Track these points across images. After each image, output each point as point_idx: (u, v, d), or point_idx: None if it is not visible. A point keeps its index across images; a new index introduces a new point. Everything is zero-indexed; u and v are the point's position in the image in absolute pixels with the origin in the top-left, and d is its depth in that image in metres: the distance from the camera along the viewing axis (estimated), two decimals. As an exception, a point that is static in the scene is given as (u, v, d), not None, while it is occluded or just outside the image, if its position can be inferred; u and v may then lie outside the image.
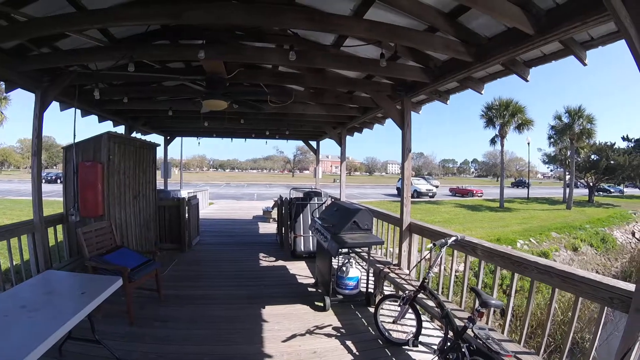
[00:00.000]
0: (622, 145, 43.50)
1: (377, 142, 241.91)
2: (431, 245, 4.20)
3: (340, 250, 5.15)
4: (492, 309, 3.69)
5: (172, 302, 5.34)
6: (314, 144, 14.35)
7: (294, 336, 4.41)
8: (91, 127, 6.37)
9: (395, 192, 41.39)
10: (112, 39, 4.81)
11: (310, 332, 4.56)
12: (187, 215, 8.77)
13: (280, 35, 5.05)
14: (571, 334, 3.29)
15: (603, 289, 2.82)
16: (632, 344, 2.13)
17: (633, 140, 49.16)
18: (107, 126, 8.57)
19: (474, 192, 44.61)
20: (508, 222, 21.43)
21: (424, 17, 3.84)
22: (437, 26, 3.91)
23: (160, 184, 10.04)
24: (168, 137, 13.18)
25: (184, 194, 10.60)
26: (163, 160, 13.47)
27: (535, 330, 9.06)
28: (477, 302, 3.09)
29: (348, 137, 11.09)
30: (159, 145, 8.25)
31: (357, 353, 4.11)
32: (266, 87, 6.08)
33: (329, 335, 4.49)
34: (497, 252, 4.00)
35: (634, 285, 2.57)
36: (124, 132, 9.08)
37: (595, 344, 3.00)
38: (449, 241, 3.99)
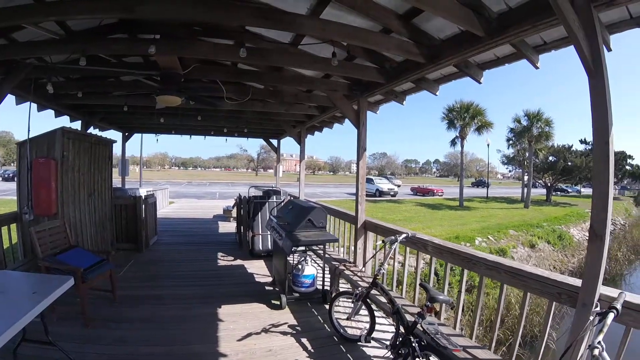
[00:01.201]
0: (580, 147, 45.54)
1: (341, 141, 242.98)
2: (380, 242, 4.26)
3: (295, 248, 5.17)
4: (442, 304, 3.79)
5: (127, 303, 5.22)
6: (274, 142, 14.37)
7: (249, 335, 4.40)
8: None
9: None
10: (70, 32, 4.65)
11: (266, 330, 4.55)
12: (144, 214, 8.55)
13: (239, 32, 5.00)
14: (521, 329, 3.39)
15: (550, 284, 2.93)
16: (578, 337, 2.20)
17: (591, 143, 51.86)
18: (64, 121, 8.32)
19: (435, 191, 45.52)
20: (467, 220, 21.90)
21: (379, 18, 3.85)
22: (392, 27, 3.95)
23: (118, 181, 9.82)
24: (126, 134, 12.84)
25: (143, 192, 10.37)
26: (120, 157, 13.18)
27: (495, 325, 9.29)
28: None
29: (313, 137, 11.17)
30: (115, 141, 8.04)
31: (312, 350, 4.13)
32: (223, 84, 5.99)
33: (284, 333, 4.50)
34: (447, 249, 4.11)
35: (581, 280, 2.67)
36: (80, 128, 8.80)
37: (545, 338, 3.11)
38: (399, 238, 4.07)
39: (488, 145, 38.88)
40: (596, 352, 1.72)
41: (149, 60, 5.57)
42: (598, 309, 2.11)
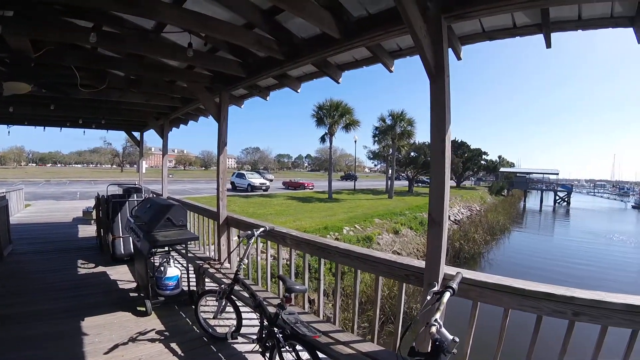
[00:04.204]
0: None
1: (214, 135, 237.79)
2: (236, 237, 4.29)
3: (154, 249, 5.05)
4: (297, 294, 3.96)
5: (-16, 325, 4.62)
6: (137, 135, 13.42)
7: (116, 346, 4.17)
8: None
9: (230, 186, 41.24)
10: None
11: (133, 339, 4.35)
12: (-7, 220, 7.49)
13: (99, 14, 4.62)
14: (377, 309, 3.65)
15: (398, 267, 3.20)
16: (417, 316, 2.37)
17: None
18: None
19: (306, 185, 46.80)
20: (336, 212, 22.78)
21: (242, 12, 3.81)
22: (255, 22, 3.95)
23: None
24: (-24, 126, 11.16)
25: (-6, 194, 9.20)
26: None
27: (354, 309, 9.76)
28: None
29: (186, 130, 10.76)
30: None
31: (182, 354, 4.06)
32: (80, 70, 5.47)
33: (152, 340, 4.35)
34: (304, 240, 4.29)
35: (425, 262, 2.93)
36: None
37: (401, 316, 3.35)
38: (257, 233, 4.19)
39: (355, 141, 40.80)
40: (433, 329, 1.83)
41: (3, 40, 5.01)
42: (436, 288, 2.29)
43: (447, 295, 2.16)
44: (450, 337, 1.80)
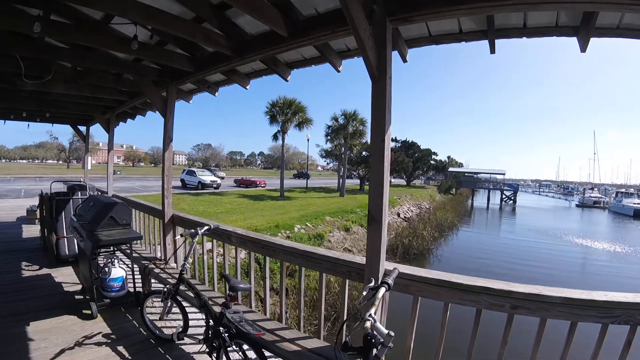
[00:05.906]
0: (391, 144, 51.90)
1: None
2: (179, 237, 4.24)
3: (98, 249, 4.92)
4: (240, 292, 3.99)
5: None
6: (83, 129, 12.84)
7: (62, 351, 4.03)
8: None
9: (180, 184, 40.45)
10: None
11: (79, 344, 4.21)
12: None
13: (50, 2, 4.40)
14: (322, 307, 3.68)
15: (341, 264, 3.27)
16: (353, 312, 2.42)
17: (400, 142, 60.23)
18: None
19: (258, 182, 46.52)
20: (287, 210, 22.83)
21: (191, 4, 3.75)
22: (204, 16, 3.88)
23: None
24: None
25: None
26: None
27: (300, 306, 9.82)
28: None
29: (134, 125, 10.47)
30: None
31: (129, 357, 3.98)
32: (23, 60, 5.21)
33: (99, 344, 4.23)
34: (249, 238, 4.29)
35: (365, 258, 3.00)
36: None
37: (345, 312, 3.42)
38: (201, 231, 4.12)
39: (308, 140, 40.99)
40: (368, 324, 1.89)
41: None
42: (372, 284, 2.34)
43: (382, 290, 2.23)
44: (385, 331, 1.85)
